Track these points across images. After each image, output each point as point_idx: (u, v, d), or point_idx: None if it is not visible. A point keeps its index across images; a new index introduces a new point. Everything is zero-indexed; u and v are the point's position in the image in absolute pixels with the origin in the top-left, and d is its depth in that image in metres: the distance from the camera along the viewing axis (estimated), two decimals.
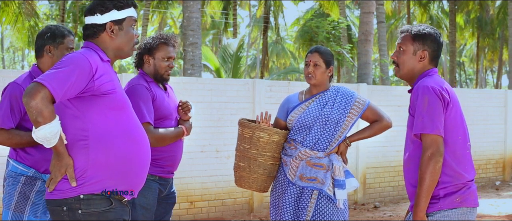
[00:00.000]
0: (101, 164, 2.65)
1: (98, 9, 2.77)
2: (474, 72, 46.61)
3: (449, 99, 2.89)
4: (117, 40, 2.80)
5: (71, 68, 2.59)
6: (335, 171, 3.83)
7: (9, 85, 3.28)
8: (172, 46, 3.77)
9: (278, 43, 36.96)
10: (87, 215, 2.65)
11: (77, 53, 2.69)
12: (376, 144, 8.74)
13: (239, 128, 3.99)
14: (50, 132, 2.53)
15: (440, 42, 3.05)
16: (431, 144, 2.81)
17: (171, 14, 34.63)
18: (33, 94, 2.49)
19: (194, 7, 10.28)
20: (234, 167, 4.04)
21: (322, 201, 3.84)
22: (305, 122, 3.91)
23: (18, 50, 45.36)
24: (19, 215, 3.22)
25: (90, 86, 2.63)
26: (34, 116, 2.50)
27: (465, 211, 2.89)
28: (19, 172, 3.24)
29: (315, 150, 3.86)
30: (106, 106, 2.68)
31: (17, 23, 17.23)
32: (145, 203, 3.52)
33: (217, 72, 17.82)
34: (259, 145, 3.88)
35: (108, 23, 2.77)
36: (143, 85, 3.58)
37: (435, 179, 2.81)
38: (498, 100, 10.82)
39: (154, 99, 3.59)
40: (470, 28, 32.31)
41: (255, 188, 3.99)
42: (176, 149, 3.71)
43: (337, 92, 3.98)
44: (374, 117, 4.00)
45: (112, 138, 2.67)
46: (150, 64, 3.72)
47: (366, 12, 12.13)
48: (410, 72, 3.05)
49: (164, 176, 3.67)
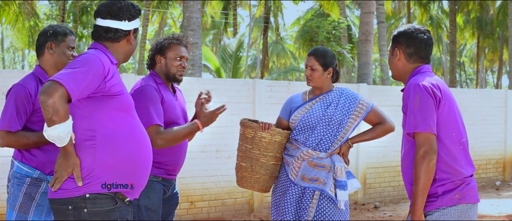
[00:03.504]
0: (107, 164, 2.68)
1: (127, 16, 2.83)
2: (474, 72, 46.60)
3: (441, 96, 2.87)
4: (132, 46, 2.91)
5: (86, 68, 2.61)
6: (337, 172, 3.84)
7: (13, 87, 3.27)
8: (184, 46, 3.72)
9: (278, 43, 36.95)
10: (92, 214, 2.67)
11: (91, 54, 2.72)
12: (376, 144, 8.74)
13: (241, 128, 3.98)
14: (64, 131, 2.55)
15: (418, 37, 2.99)
16: (424, 142, 2.80)
17: (171, 14, 34.63)
18: (51, 93, 2.50)
19: (194, 7, 10.28)
20: (236, 167, 4.03)
21: (323, 202, 3.84)
22: (309, 122, 3.91)
23: (18, 50, 45.35)
24: (24, 216, 3.22)
25: (101, 87, 2.67)
26: (49, 115, 2.51)
27: (465, 208, 2.88)
28: (24, 173, 3.24)
29: (317, 151, 3.87)
30: (114, 107, 2.72)
31: (17, 23, 17.23)
32: (150, 204, 3.50)
33: (217, 72, 17.82)
34: (261, 146, 3.88)
35: (132, 30, 2.88)
36: (152, 86, 3.52)
37: (429, 177, 2.80)
38: (498, 100, 10.83)
39: (163, 102, 3.53)
40: (470, 28, 32.30)
41: (257, 188, 3.99)
42: (179, 151, 3.65)
43: (341, 93, 3.99)
44: (377, 120, 4.00)
45: (118, 138, 2.70)
46: (161, 64, 3.66)
47: (366, 12, 12.13)
48: (397, 72, 3.09)
49: (167, 178, 3.65)
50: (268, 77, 22.49)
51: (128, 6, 2.85)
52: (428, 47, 3.03)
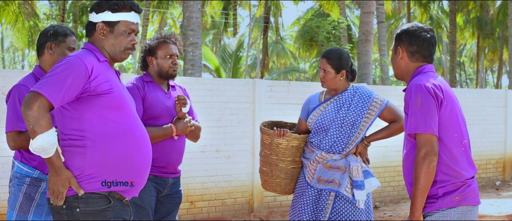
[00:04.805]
0: (99, 163, 2.66)
1: (95, 8, 2.80)
2: (474, 72, 46.60)
3: (443, 97, 2.85)
4: (107, 41, 2.80)
5: (66, 72, 2.60)
6: (353, 172, 3.83)
7: (14, 87, 3.27)
8: (173, 43, 3.77)
9: (278, 43, 36.95)
10: (85, 214, 2.66)
11: (72, 56, 2.70)
12: (377, 144, 8.71)
13: (260, 134, 4.03)
14: (48, 142, 2.54)
15: (421, 35, 2.97)
16: (425, 143, 2.79)
17: (171, 14, 34.62)
18: (30, 104, 2.51)
19: (194, 7, 10.28)
20: (259, 170, 4.11)
21: (339, 203, 3.84)
22: (323, 125, 3.92)
23: (18, 50, 45.34)
24: (24, 216, 3.22)
25: (86, 87, 2.64)
26: (31, 126, 2.51)
27: (465, 210, 2.87)
28: (24, 173, 3.25)
29: (331, 153, 3.87)
30: (103, 106, 2.69)
31: (17, 23, 17.24)
32: (139, 201, 3.50)
33: (217, 72, 17.80)
34: (278, 151, 3.91)
35: (100, 23, 2.78)
36: (135, 85, 3.60)
37: (429, 178, 2.79)
38: (498, 100, 10.82)
39: (145, 98, 3.60)
40: (470, 28, 32.30)
41: (280, 191, 4.06)
42: (169, 149, 3.66)
43: (355, 92, 3.96)
44: (392, 117, 3.96)
45: (109, 137, 2.68)
46: (153, 64, 3.74)
47: (366, 12, 12.13)
48: (399, 71, 3.06)
49: (160, 176, 3.65)
50: (268, 77, 22.49)
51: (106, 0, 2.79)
52: (431, 46, 3.00)
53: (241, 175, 7.46)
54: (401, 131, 3.94)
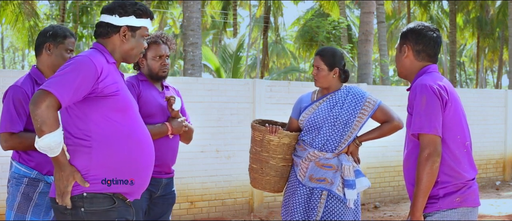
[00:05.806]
0: (103, 165, 2.67)
1: (118, 10, 2.80)
2: (474, 72, 46.60)
3: (448, 98, 2.85)
4: (127, 45, 2.83)
5: (76, 72, 2.60)
6: (344, 171, 3.84)
7: (9, 89, 3.26)
8: (163, 43, 3.76)
9: (278, 43, 36.95)
10: (89, 213, 2.66)
11: (83, 55, 2.70)
12: (376, 144, 8.71)
13: (251, 131, 4.01)
14: (54, 141, 2.54)
15: (427, 35, 2.97)
16: (429, 144, 2.78)
17: (171, 14, 34.63)
18: (39, 102, 2.51)
19: (194, 7, 10.27)
20: (249, 168, 4.08)
21: (331, 202, 3.85)
22: (315, 123, 3.92)
23: (18, 50, 45.35)
24: (22, 216, 3.22)
25: (94, 88, 2.65)
26: (38, 124, 2.51)
27: (465, 211, 2.87)
28: (22, 173, 3.24)
29: (324, 151, 3.87)
30: (109, 107, 2.69)
31: (17, 23, 17.24)
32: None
33: (217, 72, 17.80)
34: (269, 148, 3.90)
35: (123, 26, 2.81)
36: (129, 82, 3.60)
37: (432, 179, 2.79)
38: (498, 100, 10.82)
39: (140, 96, 3.60)
40: (470, 28, 32.30)
41: (269, 189, 4.04)
42: (164, 148, 3.65)
43: (348, 92, 3.98)
44: (384, 118, 3.97)
45: (114, 139, 2.69)
46: (144, 65, 3.74)
47: (366, 12, 12.13)
48: (403, 70, 3.05)
49: (154, 176, 3.63)
50: (268, 77, 22.48)
51: (126, 3, 2.82)
52: (437, 45, 3.00)
53: (241, 175, 7.45)
54: (393, 131, 3.96)
